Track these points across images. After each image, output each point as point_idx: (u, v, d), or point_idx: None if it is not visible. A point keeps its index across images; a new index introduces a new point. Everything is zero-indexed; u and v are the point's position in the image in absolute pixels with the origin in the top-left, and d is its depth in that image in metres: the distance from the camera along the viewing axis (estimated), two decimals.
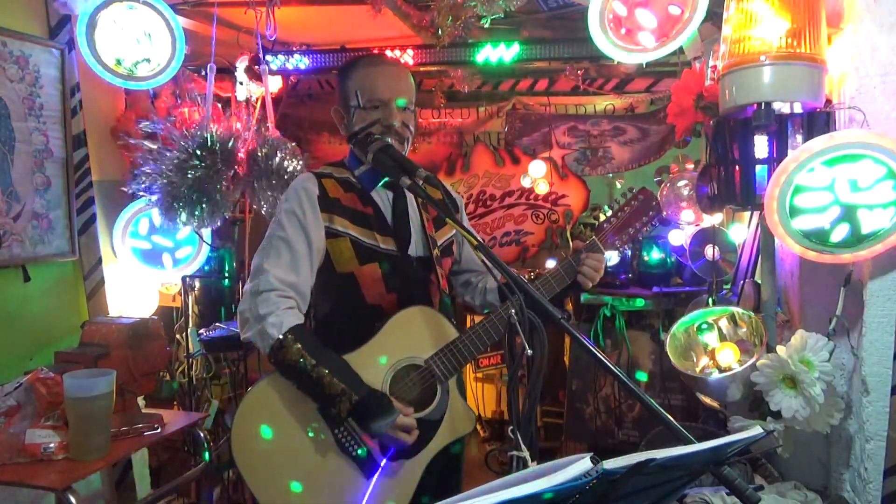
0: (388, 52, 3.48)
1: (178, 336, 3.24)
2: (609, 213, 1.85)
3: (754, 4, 1.68)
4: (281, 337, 1.55)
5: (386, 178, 1.74)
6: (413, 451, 1.61)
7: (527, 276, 3.61)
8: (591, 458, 0.68)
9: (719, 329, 2.00)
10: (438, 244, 1.82)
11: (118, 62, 2.69)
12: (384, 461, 1.59)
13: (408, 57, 3.42)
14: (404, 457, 1.60)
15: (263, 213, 2.86)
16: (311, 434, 1.59)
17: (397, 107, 1.70)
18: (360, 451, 1.58)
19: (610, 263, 3.63)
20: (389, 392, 1.61)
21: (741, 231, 2.65)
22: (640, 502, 0.88)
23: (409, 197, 1.81)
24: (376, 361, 1.62)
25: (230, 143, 2.66)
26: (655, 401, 1.41)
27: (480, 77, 4.07)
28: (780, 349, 1.70)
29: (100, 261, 2.83)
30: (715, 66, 2.04)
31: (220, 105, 3.00)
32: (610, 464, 0.70)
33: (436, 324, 1.68)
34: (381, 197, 1.77)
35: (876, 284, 1.68)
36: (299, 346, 1.54)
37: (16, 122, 2.49)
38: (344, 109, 1.76)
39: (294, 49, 3.58)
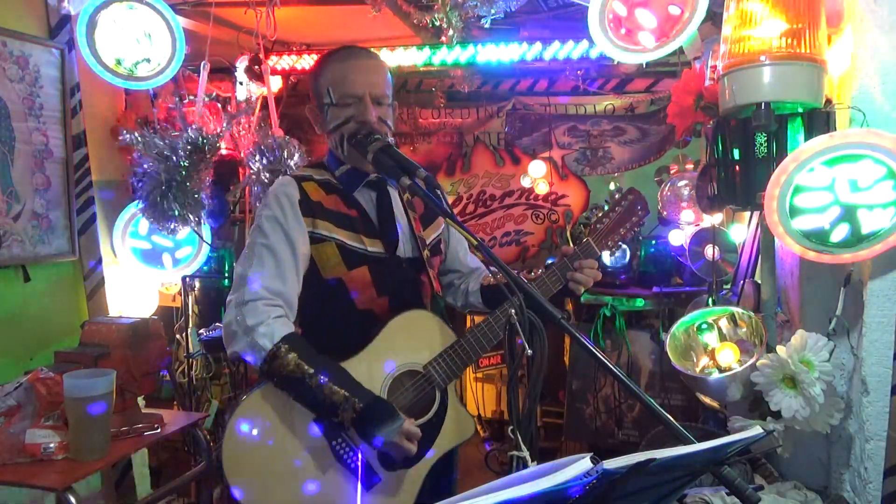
0: (388, 52, 3.48)
1: (178, 336, 3.24)
2: (600, 213, 1.85)
3: (754, 4, 1.67)
4: (274, 347, 1.48)
5: (368, 178, 1.69)
6: (412, 461, 1.55)
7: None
8: (591, 458, 0.68)
9: (719, 329, 2.00)
10: (427, 243, 1.76)
11: (118, 62, 2.68)
12: (382, 472, 1.55)
13: (407, 56, 3.43)
14: (403, 466, 1.55)
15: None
16: (306, 446, 1.53)
17: (372, 101, 1.61)
18: (357, 462, 1.53)
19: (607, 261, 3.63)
20: (388, 400, 1.56)
21: (741, 231, 2.65)
22: (640, 502, 0.87)
23: (394, 196, 1.74)
24: (373, 368, 1.57)
25: (205, 142, 2.64)
26: (655, 401, 1.40)
27: (480, 77, 4.07)
28: (780, 349, 1.69)
29: (100, 261, 2.83)
30: (715, 66, 2.03)
31: (219, 105, 3.00)
32: (610, 464, 0.70)
33: (433, 328, 1.64)
34: (365, 197, 1.70)
35: (876, 284, 1.67)
36: (294, 354, 1.48)
37: (16, 122, 2.49)
38: (318, 108, 1.68)
39: (294, 49, 3.59)
